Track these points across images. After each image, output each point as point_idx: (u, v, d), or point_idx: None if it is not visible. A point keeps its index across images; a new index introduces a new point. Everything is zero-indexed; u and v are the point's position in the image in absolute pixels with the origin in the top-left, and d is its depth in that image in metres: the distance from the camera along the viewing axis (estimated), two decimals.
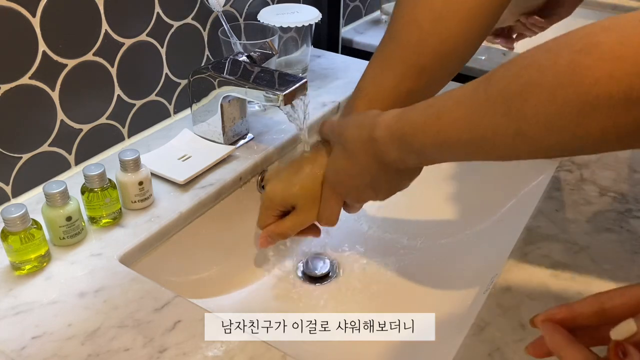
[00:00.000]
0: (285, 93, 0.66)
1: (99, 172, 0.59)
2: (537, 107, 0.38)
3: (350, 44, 1.13)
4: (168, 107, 0.81)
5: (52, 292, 0.54)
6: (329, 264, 0.74)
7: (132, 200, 0.64)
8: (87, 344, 0.49)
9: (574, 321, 0.37)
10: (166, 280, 0.58)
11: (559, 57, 0.37)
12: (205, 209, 0.68)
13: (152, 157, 0.71)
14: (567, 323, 0.37)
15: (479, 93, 0.44)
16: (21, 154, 0.64)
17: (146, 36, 0.74)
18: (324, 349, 0.56)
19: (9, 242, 0.54)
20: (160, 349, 0.49)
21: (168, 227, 0.63)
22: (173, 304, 0.53)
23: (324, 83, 0.94)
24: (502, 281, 0.56)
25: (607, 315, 0.36)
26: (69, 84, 0.66)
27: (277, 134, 0.80)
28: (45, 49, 0.62)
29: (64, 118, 0.67)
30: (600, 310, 0.37)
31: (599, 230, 0.63)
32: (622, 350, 0.33)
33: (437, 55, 0.60)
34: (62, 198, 0.57)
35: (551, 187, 0.70)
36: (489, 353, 0.49)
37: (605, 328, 0.35)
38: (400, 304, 0.69)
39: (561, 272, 0.57)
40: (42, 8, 0.60)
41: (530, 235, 0.62)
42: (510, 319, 0.52)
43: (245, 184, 0.74)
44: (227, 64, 0.73)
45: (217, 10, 0.78)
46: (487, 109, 0.43)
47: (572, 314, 0.37)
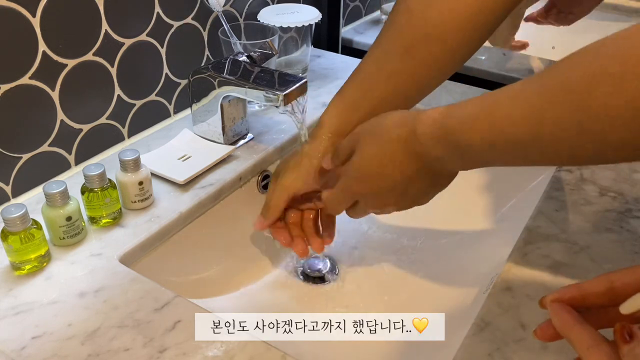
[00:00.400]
0: (285, 93, 0.66)
1: (99, 172, 0.59)
2: (603, 99, 0.36)
3: (350, 44, 1.13)
4: (168, 107, 0.81)
5: (52, 292, 0.54)
6: (328, 264, 0.74)
7: (132, 200, 0.64)
8: (87, 344, 0.49)
9: (583, 301, 0.37)
10: (166, 280, 0.58)
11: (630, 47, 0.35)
12: (205, 209, 0.68)
13: (152, 157, 0.71)
14: (577, 303, 0.37)
15: (537, 86, 0.41)
16: (21, 154, 0.64)
17: (146, 36, 0.74)
18: (324, 349, 0.56)
19: (9, 242, 0.54)
20: (160, 349, 0.49)
21: (168, 227, 0.63)
22: (173, 304, 0.53)
23: (324, 83, 0.94)
24: (502, 281, 0.56)
25: (617, 293, 0.36)
26: (69, 84, 0.66)
27: (277, 134, 0.80)
28: (45, 49, 0.62)
29: (64, 118, 0.67)
30: (610, 289, 0.36)
31: (599, 230, 0.63)
32: (628, 331, 0.33)
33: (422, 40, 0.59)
34: (62, 198, 0.57)
35: (551, 187, 0.70)
36: (489, 353, 0.49)
37: (614, 309, 0.35)
38: (400, 304, 0.69)
39: (561, 272, 0.57)
40: (42, 8, 0.60)
41: (530, 235, 0.62)
42: (510, 319, 0.52)
43: (245, 184, 0.74)
44: (227, 64, 0.73)
45: (217, 10, 0.78)
46: (547, 102, 0.40)
47: (581, 293, 0.37)
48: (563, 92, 0.39)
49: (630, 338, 0.33)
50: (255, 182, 0.75)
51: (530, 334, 0.50)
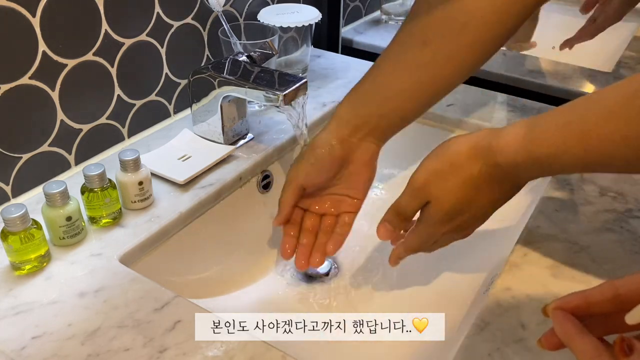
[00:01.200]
0: (285, 93, 0.66)
1: (99, 172, 0.59)
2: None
3: (350, 44, 1.13)
4: (168, 107, 0.81)
5: (52, 292, 0.54)
6: (328, 264, 0.74)
7: (132, 200, 0.64)
8: (87, 344, 0.49)
9: (588, 309, 0.36)
10: (166, 280, 0.58)
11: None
12: (205, 209, 0.68)
13: (152, 157, 0.71)
14: (581, 311, 0.36)
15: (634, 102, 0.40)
16: (21, 154, 0.64)
17: (146, 36, 0.74)
18: (324, 349, 0.56)
19: (9, 242, 0.54)
20: (160, 349, 0.49)
21: (168, 227, 0.63)
22: (173, 304, 0.53)
23: (324, 83, 0.94)
24: (502, 281, 0.56)
25: (622, 301, 0.35)
26: (69, 84, 0.66)
27: (277, 134, 0.80)
28: (45, 49, 0.62)
29: (64, 118, 0.67)
30: (615, 297, 0.36)
31: (599, 230, 0.63)
32: (628, 345, 0.33)
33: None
34: (62, 198, 0.57)
35: (551, 187, 0.70)
36: (489, 353, 0.49)
37: (619, 315, 0.34)
38: (399, 303, 0.69)
39: (561, 272, 0.57)
40: (42, 8, 0.60)
41: (530, 235, 0.62)
42: (510, 319, 0.52)
43: (245, 184, 0.74)
44: (227, 64, 0.73)
45: (217, 10, 0.78)
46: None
47: (586, 301, 0.36)
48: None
49: (630, 351, 0.32)
50: (255, 182, 0.75)
51: (530, 334, 0.50)
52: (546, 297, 0.54)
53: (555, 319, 0.37)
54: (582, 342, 0.35)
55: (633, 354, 0.32)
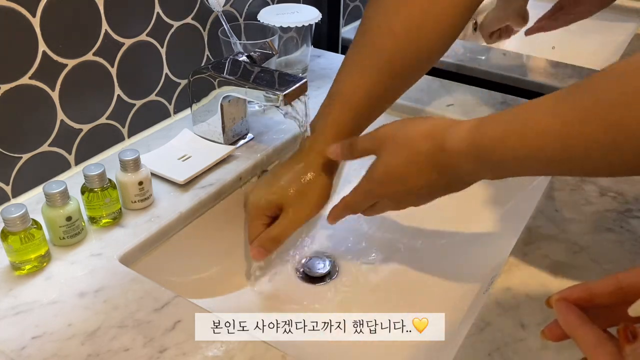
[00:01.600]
0: (285, 93, 0.66)
1: (99, 172, 0.59)
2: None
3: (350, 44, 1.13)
4: (168, 107, 0.81)
5: (52, 292, 0.54)
6: (328, 264, 0.74)
7: (132, 200, 0.64)
8: (87, 344, 0.49)
9: (591, 301, 0.37)
10: (166, 280, 0.58)
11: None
12: (205, 209, 0.68)
13: (152, 157, 0.71)
14: (584, 303, 0.36)
15: (571, 102, 0.41)
16: (21, 154, 0.64)
17: (146, 36, 0.74)
18: (324, 349, 0.56)
19: (9, 242, 0.54)
20: (160, 349, 0.49)
21: (168, 227, 0.63)
22: (173, 304, 0.53)
23: (324, 83, 0.94)
24: (502, 281, 0.56)
25: (625, 293, 0.35)
26: (69, 84, 0.66)
27: (277, 134, 0.80)
28: (45, 49, 0.62)
29: (64, 118, 0.67)
30: (617, 289, 0.36)
31: (599, 230, 0.63)
32: (631, 332, 0.33)
33: (411, 62, 0.62)
34: (62, 198, 0.57)
35: (551, 187, 0.70)
36: (489, 353, 0.49)
37: (622, 308, 0.34)
38: (400, 304, 0.69)
39: (561, 272, 0.57)
40: (42, 8, 0.60)
41: (530, 235, 0.62)
42: (510, 319, 0.52)
43: (245, 184, 0.74)
44: (227, 64, 0.73)
45: (217, 10, 0.78)
46: (582, 119, 0.39)
47: (589, 293, 0.37)
48: (598, 109, 0.38)
49: (634, 338, 0.33)
50: (255, 182, 0.75)
51: (530, 334, 0.50)
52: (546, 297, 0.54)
53: (558, 310, 0.37)
54: (585, 332, 0.35)
55: (637, 340, 0.32)
